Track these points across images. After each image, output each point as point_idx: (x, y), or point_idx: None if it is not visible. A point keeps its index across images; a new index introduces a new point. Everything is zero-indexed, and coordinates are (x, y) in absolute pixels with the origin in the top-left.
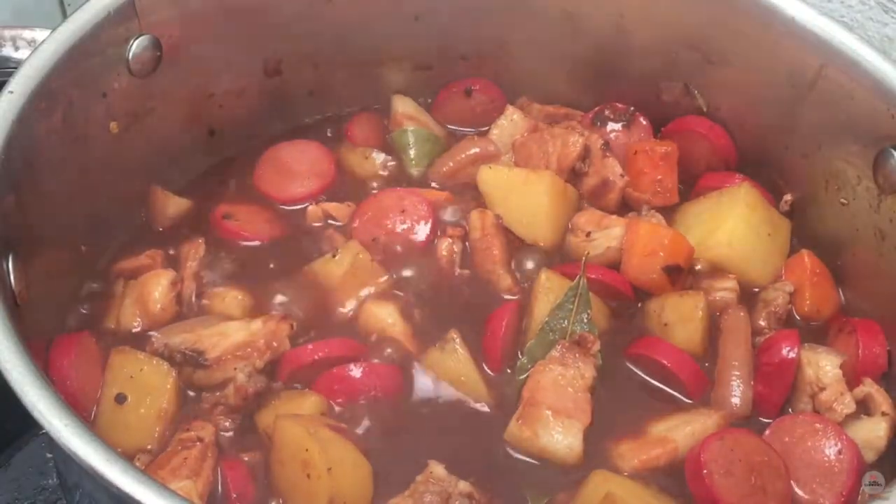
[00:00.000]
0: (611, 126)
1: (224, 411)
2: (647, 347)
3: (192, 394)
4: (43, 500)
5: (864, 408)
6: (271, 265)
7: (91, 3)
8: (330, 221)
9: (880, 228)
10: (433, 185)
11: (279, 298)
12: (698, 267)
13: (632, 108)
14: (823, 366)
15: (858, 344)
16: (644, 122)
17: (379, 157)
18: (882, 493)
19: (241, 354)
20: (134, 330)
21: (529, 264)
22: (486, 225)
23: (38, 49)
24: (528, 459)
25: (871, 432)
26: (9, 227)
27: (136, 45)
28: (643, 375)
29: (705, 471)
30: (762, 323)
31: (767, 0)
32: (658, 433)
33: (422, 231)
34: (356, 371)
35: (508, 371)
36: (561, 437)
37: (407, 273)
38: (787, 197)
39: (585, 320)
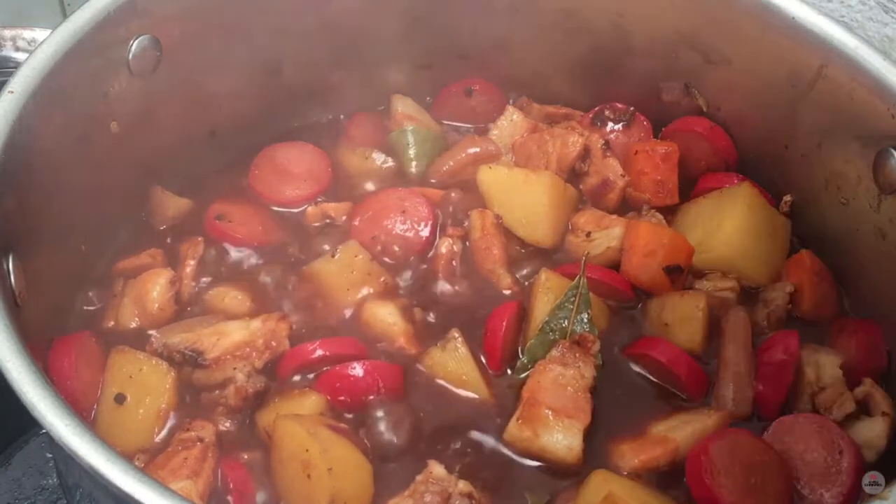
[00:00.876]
0: (611, 126)
1: (224, 411)
2: (647, 347)
3: (191, 395)
4: (43, 500)
5: (864, 408)
6: (271, 264)
7: (91, 3)
8: (329, 221)
9: (880, 228)
10: (433, 183)
11: (278, 298)
12: (698, 267)
13: (632, 108)
14: (823, 366)
15: (858, 344)
16: (644, 122)
17: (379, 157)
18: (882, 493)
19: (240, 354)
20: (133, 329)
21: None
22: (486, 225)
23: (38, 49)
24: (528, 460)
25: (871, 432)
26: (9, 227)
27: (136, 45)
28: (643, 375)
29: (705, 471)
30: (762, 323)
31: (767, 0)
32: (658, 433)
33: (422, 231)
34: (358, 369)
35: (509, 371)
36: (561, 437)
37: (407, 272)
38: (787, 197)
39: (585, 320)
